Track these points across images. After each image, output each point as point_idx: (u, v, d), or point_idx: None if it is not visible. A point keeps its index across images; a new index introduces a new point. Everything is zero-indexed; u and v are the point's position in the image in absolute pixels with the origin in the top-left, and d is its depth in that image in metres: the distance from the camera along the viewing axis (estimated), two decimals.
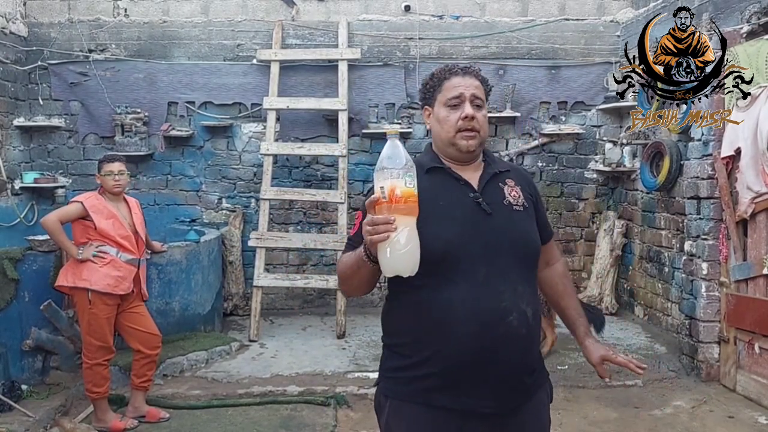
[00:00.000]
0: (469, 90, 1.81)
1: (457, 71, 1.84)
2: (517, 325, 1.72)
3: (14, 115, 6.06)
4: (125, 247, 3.85)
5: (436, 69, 1.90)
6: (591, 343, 1.97)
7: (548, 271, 2.06)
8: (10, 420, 3.78)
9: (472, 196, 1.79)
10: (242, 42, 6.29)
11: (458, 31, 6.31)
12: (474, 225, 1.75)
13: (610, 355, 1.92)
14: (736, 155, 4.24)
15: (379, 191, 1.55)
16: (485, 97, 1.86)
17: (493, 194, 1.82)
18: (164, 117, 6.30)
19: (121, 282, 3.80)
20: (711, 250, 4.49)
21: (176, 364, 4.65)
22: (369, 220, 1.55)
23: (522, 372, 1.75)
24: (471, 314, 1.68)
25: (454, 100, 1.80)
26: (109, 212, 3.86)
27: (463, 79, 1.82)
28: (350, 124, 6.11)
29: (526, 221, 1.84)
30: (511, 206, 1.81)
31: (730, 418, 3.97)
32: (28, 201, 6.09)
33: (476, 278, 1.70)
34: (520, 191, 1.86)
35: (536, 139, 6.38)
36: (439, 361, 1.71)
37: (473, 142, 1.81)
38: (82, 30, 6.23)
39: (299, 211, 6.44)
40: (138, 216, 4.05)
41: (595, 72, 6.31)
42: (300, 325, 5.94)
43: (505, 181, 1.87)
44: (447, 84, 1.83)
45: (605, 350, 1.94)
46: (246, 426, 3.89)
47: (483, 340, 1.68)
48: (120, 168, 3.89)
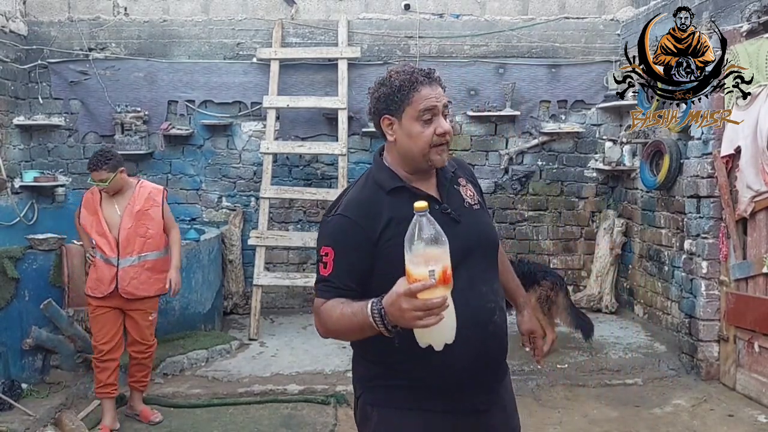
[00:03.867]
0: (441, 101, 1.74)
1: (423, 81, 1.73)
2: (500, 322, 1.79)
3: (14, 114, 6.06)
4: (99, 246, 3.74)
5: (398, 76, 1.75)
6: (527, 315, 2.13)
7: None
8: (11, 419, 3.79)
9: (439, 209, 1.75)
10: (242, 41, 6.28)
11: (458, 30, 6.30)
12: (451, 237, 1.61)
13: (536, 335, 2.11)
14: (736, 154, 4.24)
15: (426, 275, 1.43)
16: None
17: (454, 199, 1.81)
18: (164, 116, 6.30)
19: (99, 284, 3.72)
20: (711, 249, 4.49)
21: (176, 363, 4.65)
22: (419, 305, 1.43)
23: (503, 362, 1.84)
24: (464, 320, 1.62)
25: (427, 114, 1.72)
26: (94, 207, 3.78)
27: (432, 89, 1.73)
28: (350, 123, 6.11)
29: (485, 218, 1.88)
30: (471, 207, 1.83)
31: (730, 417, 3.98)
32: (28, 200, 6.09)
33: (461, 285, 1.63)
34: (472, 188, 1.88)
35: (536, 138, 6.38)
36: (438, 371, 1.69)
37: (446, 156, 1.79)
38: (82, 29, 6.22)
39: (299, 209, 6.44)
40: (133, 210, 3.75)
41: (595, 71, 6.31)
42: (300, 324, 5.94)
43: (458, 182, 1.86)
44: (416, 96, 1.72)
45: (536, 327, 2.12)
46: (246, 425, 3.90)
47: (478, 343, 1.71)
48: (101, 177, 3.67)
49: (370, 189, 1.79)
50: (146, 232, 3.79)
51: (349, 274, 1.71)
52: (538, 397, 4.25)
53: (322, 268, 1.73)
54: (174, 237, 3.95)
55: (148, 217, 3.80)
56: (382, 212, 1.72)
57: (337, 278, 1.69)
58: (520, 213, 6.45)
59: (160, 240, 3.88)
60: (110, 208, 3.78)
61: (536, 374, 4.46)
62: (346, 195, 1.83)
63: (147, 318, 3.85)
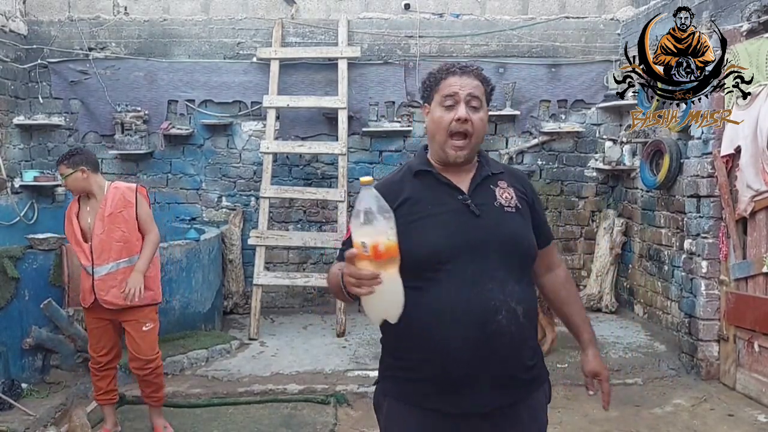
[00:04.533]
0: (465, 90, 1.76)
1: (455, 70, 1.79)
2: (507, 323, 1.69)
3: (14, 114, 6.06)
4: (77, 254, 3.57)
5: (437, 66, 1.86)
6: (591, 354, 1.94)
7: (550, 277, 2.00)
8: (11, 419, 3.78)
9: (461, 198, 1.77)
10: (242, 40, 6.28)
11: (458, 30, 6.30)
12: (461, 227, 1.73)
13: (602, 377, 1.93)
14: (736, 153, 4.24)
15: (360, 246, 1.50)
16: (485, 98, 1.81)
17: (484, 196, 1.79)
18: (164, 115, 6.30)
19: (83, 294, 3.59)
20: (711, 249, 4.49)
21: (176, 362, 4.66)
22: (352, 272, 1.50)
23: (514, 369, 1.73)
24: (461, 315, 1.67)
25: (448, 100, 1.76)
26: (71, 217, 3.58)
27: (461, 79, 1.77)
28: (350, 123, 6.11)
29: (518, 221, 1.80)
30: (503, 207, 1.79)
31: (730, 417, 3.98)
32: (28, 199, 6.10)
33: (464, 279, 1.69)
34: (513, 193, 1.83)
35: (536, 138, 6.38)
36: (432, 366, 1.71)
37: (462, 152, 1.77)
38: (82, 28, 6.22)
39: (299, 209, 6.44)
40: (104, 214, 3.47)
41: (596, 70, 6.31)
42: (300, 324, 5.94)
43: (497, 182, 1.83)
44: (444, 83, 1.78)
45: (601, 369, 1.93)
46: (246, 424, 3.90)
47: (474, 341, 1.67)
48: (62, 171, 3.55)
49: (402, 172, 1.89)
50: (122, 236, 3.49)
51: None
52: None
53: (345, 235, 1.81)
54: (150, 238, 3.58)
55: (122, 220, 3.49)
56: (401, 192, 1.79)
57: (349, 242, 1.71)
58: None
59: (137, 244, 3.55)
60: (84, 214, 3.56)
61: None
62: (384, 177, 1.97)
63: (139, 329, 3.55)
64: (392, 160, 6.35)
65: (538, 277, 1.98)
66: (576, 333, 1.98)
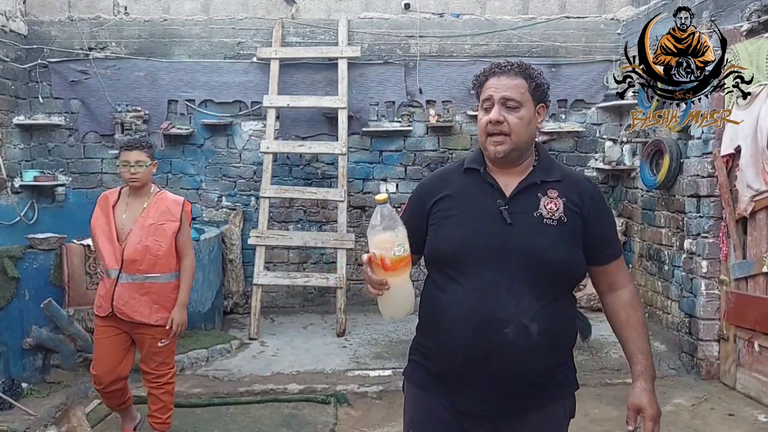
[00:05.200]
0: (500, 92, 1.74)
1: (494, 71, 1.78)
2: (515, 338, 1.66)
3: (14, 114, 6.06)
4: (103, 253, 3.28)
5: (481, 71, 1.84)
6: (639, 388, 1.77)
7: (611, 298, 1.88)
8: (11, 418, 3.79)
9: (498, 203, 1.75)
10: (243, 40, 6.28)
11: (459, 29, 6.30)
12: (488, 231, 1.72)
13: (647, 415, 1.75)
14: (736, 153, 4.24)
15: (373, 255, 1.66)
16: (529, 95, 1.76)
17: (525, 204, 1.74)
18: (164, 115, 6.29)
19: (101, 300, 3.30)
20: (711, 248, 4.49)
21: (177, 362, 4.57)
22: (366, 274, 1.67)
23: (520, 382, 1.70)
24: (467, 317, 1.70)
25: (486, 103, 1.77)
26: (107, 209, 3.31)
27: (498, 80, 1.76)
28: (350, 122, 6.11)
29: (555, 236, 1.71)
30: (542, 218, 1.72)
31: (731, 416, 3.98)
32: (28, 199, 6.10)
33: (480, 284, 1.70)
34: (561, 204, 1.74)
35: (536, 137, 6.37)
36: (437, 358, 1.79)
37: (502, 147, 1.74)
38: (83, 28, 6.22)
39: (299, 209, 6.44)
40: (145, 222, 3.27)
41: (596, 70, 6.31)
42: (300, 324, 5.94)
43: (547, 192, 1.76)
44: (485, 85, 1.79)
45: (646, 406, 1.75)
46: (247, 424, 3.90)
47: (474, 345, 1.69)
48: (138, 158, 3.23)
49: (455, 165, 1.92)
50: (158, 250, 3.26)
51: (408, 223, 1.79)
52: None
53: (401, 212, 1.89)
54: (187, 264, 3.39)
55: (162, 234, 3.28)
56: (445, 186, 1.83)
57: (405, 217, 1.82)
58: None
59: (171, 261, 3.32)
60: (120, 212, 3.31)
61: None
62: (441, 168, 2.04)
63: (154, 344, 3.34)
64: (392, 160, 6.36)
65: (601, 296, 1.93)
66: (629, 361, 1.83)
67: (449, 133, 6.33)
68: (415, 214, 1.87)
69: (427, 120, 6.26)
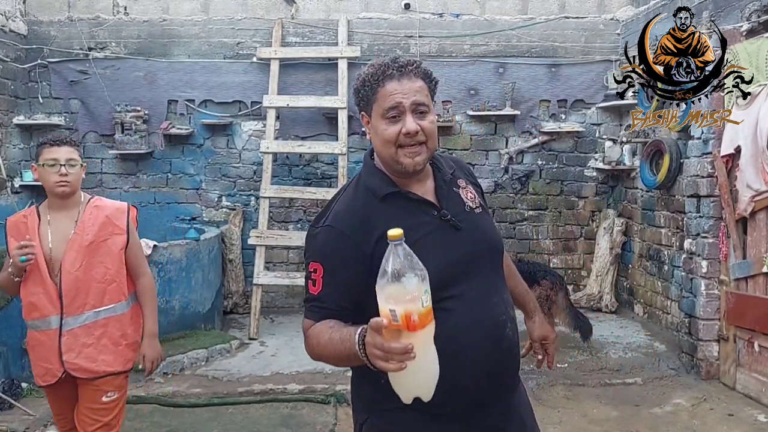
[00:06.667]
0: (409, 98, 1.54)
1: (392, 73, 1.55)
2: (512, 335, 1.64)
3: (14, 114, 6.07)
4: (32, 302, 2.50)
5: (369, 69, 1.60)
6: (538, 321, 1.97)
7: None
8: (11, 418, 3.79)
9: (438, 215, 1.61)
10: (242, 40, 6.28)
11: (458, 29, 6.30)
12: (451, 245, 1.58)
13: (549, 340, 1.96)
14: (735, 153, 4.24)
15: (389, 314, 1.28)
16: (431, 97, 1.60)
17: (454, 204, 1.65)
18: (164, 115, 6.30)
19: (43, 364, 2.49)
20: (711, 249, 4.49)
21: (176, 362, 4.65)
22: (378, 344, 1.29)
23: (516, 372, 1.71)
24: (478, 337, 1.56)
25: (392, 112, 1.54)
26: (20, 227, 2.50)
27: (400, 84, 1.54)
28: (350, 122, 6.10)
29: (488, 222, 1.73)
30: (473, 211, 1.67)
31: (730, 416, 3.98)
32: (27, 199, 6.09)
33: (470, 299, 1.57)
34: (472, 190, 1.73)
35: (536, 138, 6.38)
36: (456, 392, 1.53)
37: (419, 158, 1.57)
38: (82, 28, 6.22)
39: (299, 209, 6.44)
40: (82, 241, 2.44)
41: (595, 70, 6.31)
42: (300, 324, 5.91)
43: (457, 183, 1.70)
44: (382, 91, 1.55)
45: (549, 332, 1.96)
46: (246, 424, 3.89)
47: (492, 362, 1.58)
48: (70, 155, 2.46)
49: (362, 196, 1.62)
50: (105, 274, 2.49)
51: (341, 292, 1.56)
52: (538, 397, 4.25)
53: (311, 286, 1.60)
54: (146, 284, 2.64)
55: (106, 252, 2.49)
56: (376, 223, 1.54)
57: (327, 297, 1.56)
58: (520, 212, 6.45)
59: (123, 284, 2.55)
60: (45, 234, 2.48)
61: (536, 374, 4.45)
62: (335, 203, 1.66)
63: (98, 398, 2.50)
64: None
65: None
66: (521, 302, 1.96)
67: (449, 133, 6.33)
68: (351, 271, 1.54)
69: None
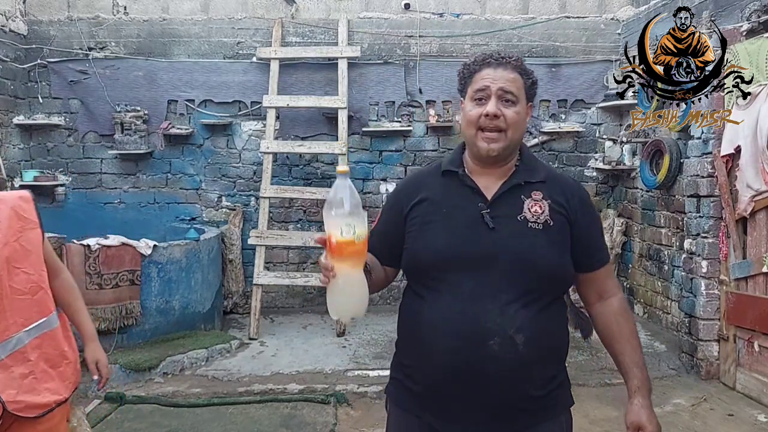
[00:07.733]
0: (497, 83, 1.61)
1: (490, 61, 1.65)
2: (500, 350, 1.53)
3: (14, 114, 6.06)
4: None
5: (473, 57, 1.71)
6: (637, 404, 1.65)
7: (600, 307, 1.77)
8: None
9: (479, 207, 1.62)
10: (242, 40, 6.28)
11: (459, 29, 6.30)
12: (470, 238, 1.59)
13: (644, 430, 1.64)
14: (736, 153, 4.24)
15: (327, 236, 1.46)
16: (524, 92, 1.66)
17: (507, 207, 1.62)
18: (164, 115, 6.29)
19: None
20: (711, 248, 4.49)
21: (176, 362, 4.65)
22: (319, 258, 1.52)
23: (512, 398, 1.57)
24: (450, 330, 1.55)
25: (479, 93, 1.63)
26: None
27: (495, 71, 1.63)
28: (350, 122, 6.11)
29: (541, 240, 1.59)
30: (526, 222, 1.60)
31: (730, 416, 3.98)
32: None
33: (461, 293, 1.56)
34: (546, 207, 1.62)
35: (536, 137, 6.38)
36: (421, 375, 1.63)
37: (496, 145, 1.61)
38: (82, 28, 6.22)
39: (299, 209, 6.44)
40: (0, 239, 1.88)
41: (596, 70, 6.31)
42: (300, 324, 5.94)
43: (531, 193, 1.64)
44: (477, 75, 1.66)
45: (647, 423, 1.62)
46: (246, 424, 3.89)
47: (460, 359, 1.54)
48: None
49: (433, 167, 1.80)
50: (28, 282, 1.96)
51: (380, 234, 1.75)
52: None
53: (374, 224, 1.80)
54: (68, 280, 2.20)
55: (23, 255, 1.95)
56: (421, 190, 1.71)
57: (373, 236, 1.62)
58: None
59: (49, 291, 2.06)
60: None
61: None
62: None
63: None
64: (392, 160, 6.35)
65: (588, 306, 1.79)
66: (624, 376, 1.71)
67: (449, 133, 6.33)
68: (391, 223, 1.74)
69: (427, 120, 6.25)
